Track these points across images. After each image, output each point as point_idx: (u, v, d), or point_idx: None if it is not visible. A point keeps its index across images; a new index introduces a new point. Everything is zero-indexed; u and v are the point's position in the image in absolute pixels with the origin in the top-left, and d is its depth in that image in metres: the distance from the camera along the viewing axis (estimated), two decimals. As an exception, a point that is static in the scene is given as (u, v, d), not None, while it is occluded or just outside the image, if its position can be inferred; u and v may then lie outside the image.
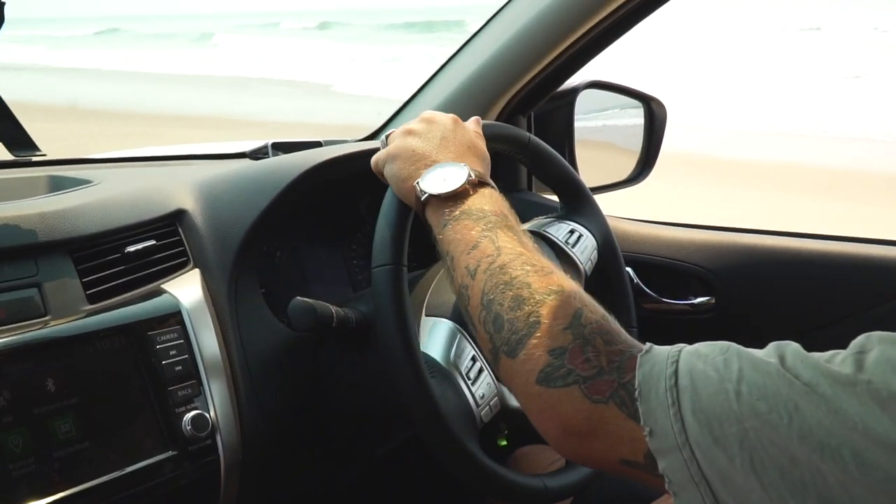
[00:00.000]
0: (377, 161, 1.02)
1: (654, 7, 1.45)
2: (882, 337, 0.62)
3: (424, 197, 0.92)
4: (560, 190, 1.33)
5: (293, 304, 1.07)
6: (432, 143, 0.98)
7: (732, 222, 1.71)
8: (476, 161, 0.99)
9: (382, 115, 1.76)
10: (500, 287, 0.79)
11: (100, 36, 39.80)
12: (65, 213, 1.05)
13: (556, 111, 1.70)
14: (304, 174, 1.22)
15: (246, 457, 1.08)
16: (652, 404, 0.67)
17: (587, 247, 1.26)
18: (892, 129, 9.28)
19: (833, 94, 12.09)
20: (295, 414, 1.18)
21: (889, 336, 0.62)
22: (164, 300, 1.07)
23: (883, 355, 0.60)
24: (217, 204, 1.19)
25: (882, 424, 0.57)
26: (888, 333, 0.62)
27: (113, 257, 1.06)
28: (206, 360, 1.06)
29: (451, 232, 0.89)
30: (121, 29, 45.14)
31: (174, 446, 1.00)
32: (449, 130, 1.00)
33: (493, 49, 1.55)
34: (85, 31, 43.11)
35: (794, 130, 9.58)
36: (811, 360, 0.63)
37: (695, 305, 1.59)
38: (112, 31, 42.96)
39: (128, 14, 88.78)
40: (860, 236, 1.54)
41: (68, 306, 0.99)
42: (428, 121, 1.02)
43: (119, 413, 0.98)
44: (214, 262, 1.13)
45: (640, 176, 1.80)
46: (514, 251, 0.83)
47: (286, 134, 1.66)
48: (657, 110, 1.78)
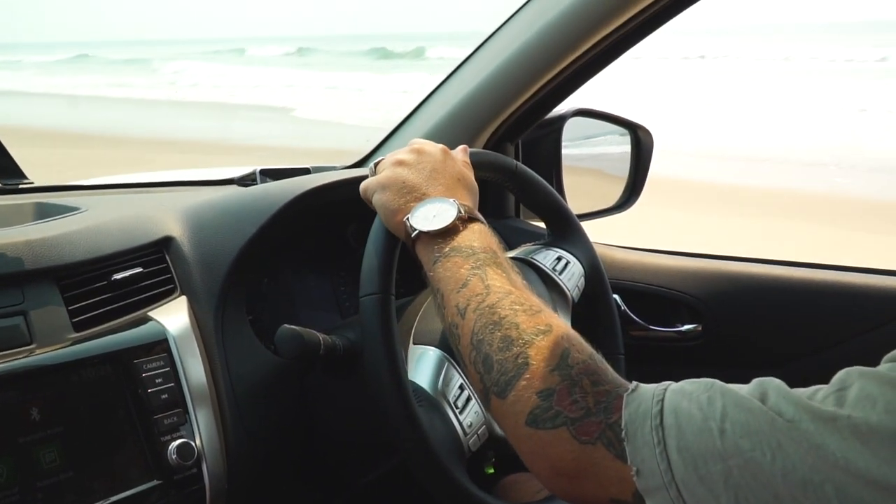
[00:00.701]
0: (366, 189, 1.02)
1: (642, 36, 1.47)
2: (862, 372, 0.63)
3: (415, 234, 0.92)
4: (547, 217, 1.33)
5: (280, 331, 1.07)
6: (422, 175, 0.98)
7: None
8: (465, 194, 0.99)
9: (371, 142, 1.77)
10: (490, 327, 0.80)
11: (71, 62, 39.79)
12: (51, 240, 1.04)
13: (543, 139, 1.71)
14: (292, 201, 1.22)
15: (232, 485, 1.07)
16: (638, 444, 0.67)
17: (574, 273, 1.27)
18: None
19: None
20: (281, 442, 1.17)
21: (868, 371, 0.63)
22: (151, 328, 1.06)
23: (863, 391, 0.61)
24: (204, 231, 1.18)
25: (863, 460, 0.57)
26: (868, 369, 0.63)
27: (99, 285, 1.06)
28: (192, 388, 1.06)
29: (441, 269, 0.89)
30: (88, 55, 45.27)
31: (159, 475, 0.99)
32: (439, 162, 1.00)
33: (482, 77, 1.56)
34: (58, 56, 43.17)
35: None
36: (793, 397, 0.63)
37: (682, 333, 1.59)
38: (81, 58, 43.03)
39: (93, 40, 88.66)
40: (846, 265, 1.55)
41: (54, 334, 0.98)
42: (418, 151, 1.02)
43: (104, 442, 0.97)
44: (201, 290, 1.13)
45: (627, 203, 1.81)
46: (502, 290, 0.83)
47: (250, 156, 1.67)
48: (644, 138, 1.79)
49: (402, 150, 1.03)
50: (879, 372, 0.62)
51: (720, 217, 6.21)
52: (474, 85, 1.58)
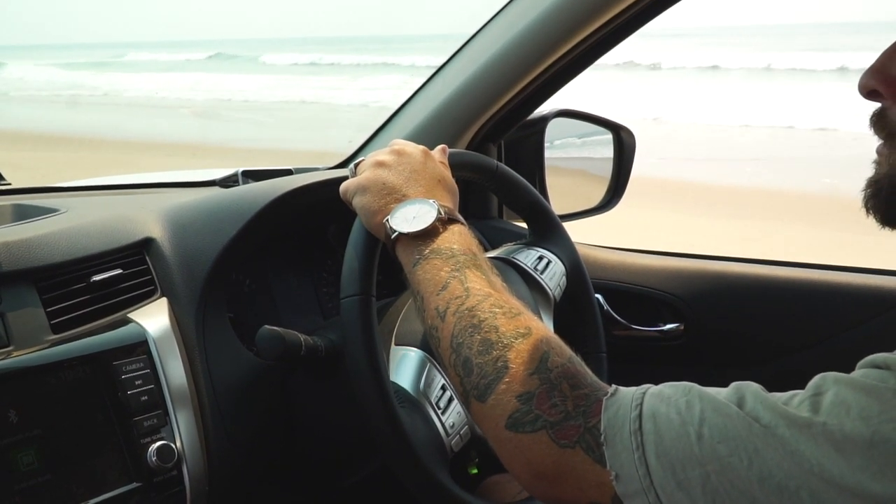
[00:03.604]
0: (346, 190, 1.02)
1: (622, 37, 1.47)
2: (836, 378, 0.63)
3: (395, 235, 0.92)
4: (528, 217, 1.33)
5: (261, 332, 1.06)
6: (402, 176, 0.98)
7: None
8: (445, 195, 0.99)
9: (354, 143, 1.77)
10: (469, 330, 0.80)
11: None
12: (30, 242, 1.04)
13: (526, 139, 1.71)
14: (273, 202, 1.22)
15: (212, 487, 1.07)
16: (617, 448, 0.68)
17: (556, 273, 1.27)
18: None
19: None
20: (263, 444, 1.17)
21: (843, 377, 0.63)
22: (131, 329, 1.06)
23: (837, 397, 0.61)
24: (185, 232, 1.18)
25: (837, 467, 0.58)
26: (842, 375, 0.64)
27: (79, 286, 1.05)
28: (172, 389, 1.05)
29: (420, 271, 0.89)
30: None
31: (139, 478, 0.99)
32: (419, 163, 1.00)
33: (464, 77, 1.57)
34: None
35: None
36: (770, 402, 0.64)
37: (664, 332, 1.60)
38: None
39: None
40: (827, 264, 1.56)
41: (32, 336, 0.98)
42: (398, 153, 1.02)
43: (83, 444, 0.96)
44: (182, 291, 1.13)
45: (609, 203, 1.81)
46: (482, 292, 0.84)
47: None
48: (626, 138, 1.80)
49: (383, 151, 1.03)
50: (853, 378, 0.63)
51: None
52: (457, 85, 1.58)
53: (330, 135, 12.69)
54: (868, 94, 0.73)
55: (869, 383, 0.61)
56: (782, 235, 5.70)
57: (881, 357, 0.64)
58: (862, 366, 0.65)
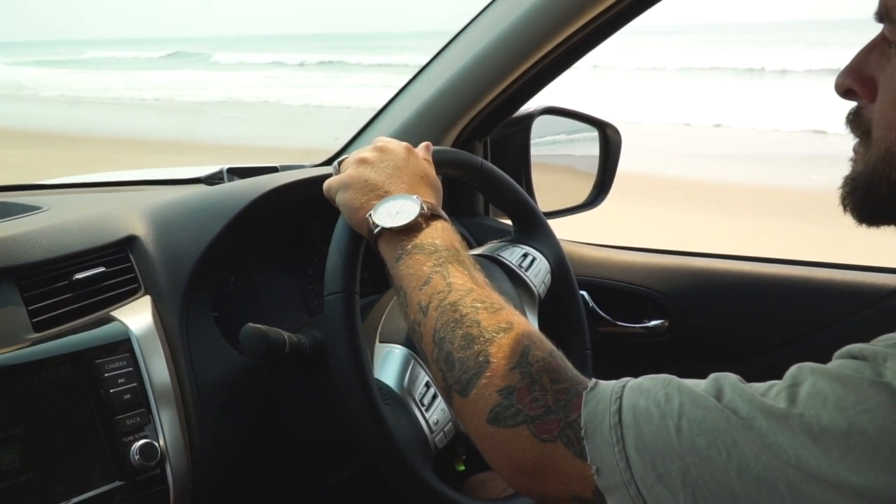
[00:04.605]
0: (329, 187, 1.02)
1: (607, 34, 1.47)
2: (813, 369, 0.64)
3: (377, 230, 0.92)
4: (513, 214, 1.34)
5: (245, 330, 1.06)
6: (385, 172, 0.98)
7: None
8: (428, 191, 0.99)
9: (340, 140, 1.76)
10: (451, 325, 0.80)
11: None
12: (11, 239, 1.03)
13: (512, 136, 1.71)
14: (258, 199, 1.21)
15: (196, 486, 1.07)
16: (598, 442, 0.68)
17: (541, 270, 1.27)
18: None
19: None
20: (247, 442, 1.17)
21: (819, 368, 0.64)
22: (113, 327, 1.05)
23: (814, 388, 0.61)
24: (169, 230, 1.17)
25: (814, 458, 0.58)
26: (819, 365, 0.64)
27: (61, 284, 1.05)
28: (155, 387, 1.05)
29: (403, 266, 0.89)
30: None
31: (122, 476, 0.98)
32: (402, 160, 1.01)
33: (450, 74, 1.56)
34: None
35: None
36: (747, 394, 0.64)
37: (648, 328, 1.61)
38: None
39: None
40: (809, 260, 1.57)
41: (13, 334, 0.97)
42: (381, 149, 1.02)
43: (65, 443, 0.96)
44: (166, 289, 1.12)
45: (595, 200, 1.82)
46: (464, 287, 0.84)
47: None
48: (612, 135, 1.80)
49: (366, 148, 1.03)
50: (830, 369, 0.63)
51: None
52: (442, 83, 1.58)
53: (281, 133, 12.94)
54: (844, 93, 0.73)
55: (845, 374, 0.61)
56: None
57: (857, 347, 0.64)
58: (839, 356, 0.65)
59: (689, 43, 30.56)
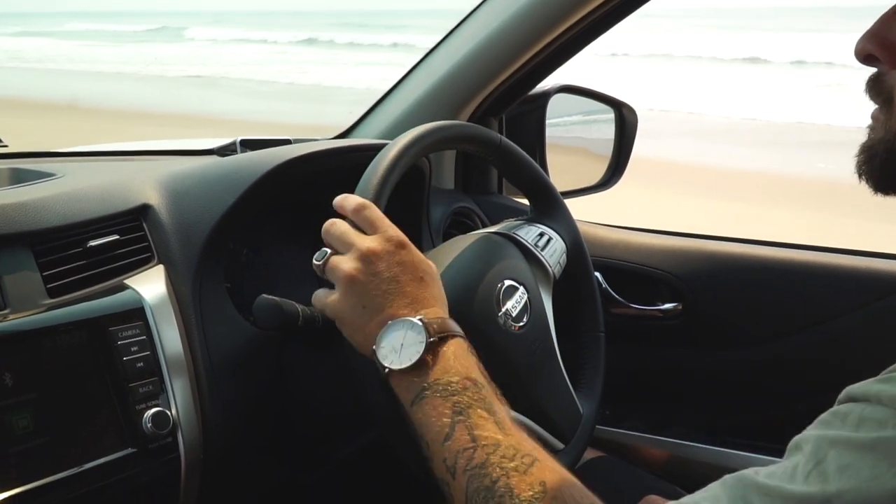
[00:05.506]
0: (321, 307, 0.97)
1: (626, 12, 1.46)
2: (831, 440, 0.62)
3: (386, 372, 0.88)
4: (530, 193, 1.33)
5: (258, 301, 1.06)
6: (379, 291, 0.91)
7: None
8: (430, 296, 0.93)
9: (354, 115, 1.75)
10: (483, 494, 0.77)
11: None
12: (26, 205, 1.02)
13: (527, 114, 1.70)
14: (272, 171, 1.21)
15: (207, 455, 1.07)
16: None
17: (556, 250, 1.26)
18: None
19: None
20: (258, 413, 1.17)
21: (835, 438, 0.62)
22: (127, 295, 1.05)
23: (841, 461, 0.60)
24: (183, 199, 1.17)
25: None
26: (831, 434, 0.62)
27: (75, 251, 1.04)
28: (168, 356, 1.04)
29: (420, 413, 0.85)
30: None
31: (134, 443, 0.98)
32: (395, 265, 0.92)
33: (466, 51, 1.55)
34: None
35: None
36: (776, 491, 0.62)
37: (663, 311, 1.60)
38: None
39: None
40: (827, 246, 1.56)
41: (28, 300, 0.97)
42: (366, 259, 0.92)
43: (78, 409, 0.96)
44: (179, 258, 1.12)
45: (610, 181, 1.81)
46: (491, 441, 0.80)
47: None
48: (628, 116, 1.79)
49: (349, 257, 0.94)
50: (850, 437, 0.61)
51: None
52: (458, 59, 1.57)
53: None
54: (864, 58, 0.71)
55: (868, 439, 0.59)
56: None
57: (863, 390, 0.62)
58: (842, 401, 0.63)
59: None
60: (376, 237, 0.94)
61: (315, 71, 19.59)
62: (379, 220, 0.96)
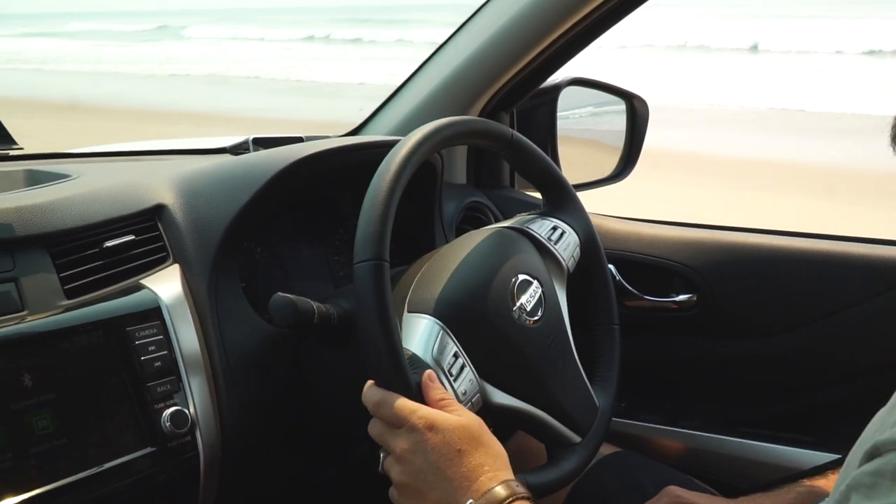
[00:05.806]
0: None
1: (636, 4, 1.45)
2: (851, 485, 0.61)
3: None
4: (543, 186, 1.32)
5: (274, 299, 1.06)
6: (427, 486, 0.89)
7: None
8: (476, 468, 0.89)
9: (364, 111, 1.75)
10: None
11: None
12: (42, 207, 1.03)
13: (538, 108, 1.70)
14: (286, 169, 1.21)
15: (225, 453, 1.07)
16: None
17: (570, 244, 1.26)
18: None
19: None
20: (275, 410, 1.17)
21: (857, 482, 0.61)
22: (143, 295, 1.05)
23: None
24: (197, 199, 1.17)
25: None
26: (855, 478, 0.61)
27: (91, 252, 1.05)
28: (185, 355, 1.05)
29: None
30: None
31: (153, 443, 0.99)
32: (430, 453, 0.89)
33: (476, 45, 1.55)
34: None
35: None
36: None
37: (677, 303, 1.59)
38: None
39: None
40: (841, 234, 1.55)
41: (46, 301, 0.98)
42: (403, 459, 0.91)
43: (97, 409, 0.96)
44: (194, 258, 1.12)
45: (622, 173, 1.81)
46: None
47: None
48: (639, 107, 1.78)
49: (391, 459, 0.94)
50: (871, 484, 0.60)
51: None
52: (469, 53, 1.56)
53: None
54: None
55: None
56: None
57: (888, 438, 0.61)
58: (871, 454, 0.62)
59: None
60: (403, 432, 0.91)
61: (322, 67, 19.59)
62: (399, 411, 0.92)
